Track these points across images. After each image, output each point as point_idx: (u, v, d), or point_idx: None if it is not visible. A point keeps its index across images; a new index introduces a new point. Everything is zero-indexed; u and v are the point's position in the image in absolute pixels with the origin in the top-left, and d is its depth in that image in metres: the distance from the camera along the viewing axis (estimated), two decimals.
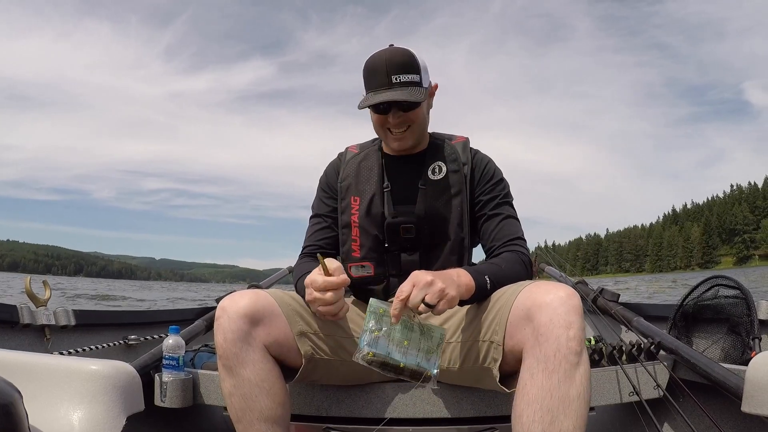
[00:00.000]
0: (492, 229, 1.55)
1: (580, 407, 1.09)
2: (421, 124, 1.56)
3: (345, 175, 1.65)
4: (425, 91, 1.51)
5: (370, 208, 1.58)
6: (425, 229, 1.54)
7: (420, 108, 1.52)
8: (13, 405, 1.00)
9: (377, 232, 1.57)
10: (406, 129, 1.53)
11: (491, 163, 1.64)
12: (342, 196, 1.63)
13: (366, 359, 1.19)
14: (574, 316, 1.13)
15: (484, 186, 1.60)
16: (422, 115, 1.54)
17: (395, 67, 1.46)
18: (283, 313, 1.35)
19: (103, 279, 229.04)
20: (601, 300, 2.47)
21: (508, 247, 1.51)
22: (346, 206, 1.61)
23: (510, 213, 1.58)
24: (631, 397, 1.51)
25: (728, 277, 2.03)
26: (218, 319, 1.29)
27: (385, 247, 1.57)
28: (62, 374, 1.30)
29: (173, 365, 1.56)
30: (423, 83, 1.50)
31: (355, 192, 1.61)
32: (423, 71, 1.51)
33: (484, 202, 1.59)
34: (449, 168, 1.59)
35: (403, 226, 1.54)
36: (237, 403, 1.28)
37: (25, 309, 2.10)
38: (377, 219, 1.57)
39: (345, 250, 1.61)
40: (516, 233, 1.54)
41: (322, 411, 1.49)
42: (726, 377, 1.43)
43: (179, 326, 1.67)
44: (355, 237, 1.58)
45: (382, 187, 1.59)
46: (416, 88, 1.47)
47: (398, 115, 1.50)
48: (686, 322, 2.09)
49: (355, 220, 1.59)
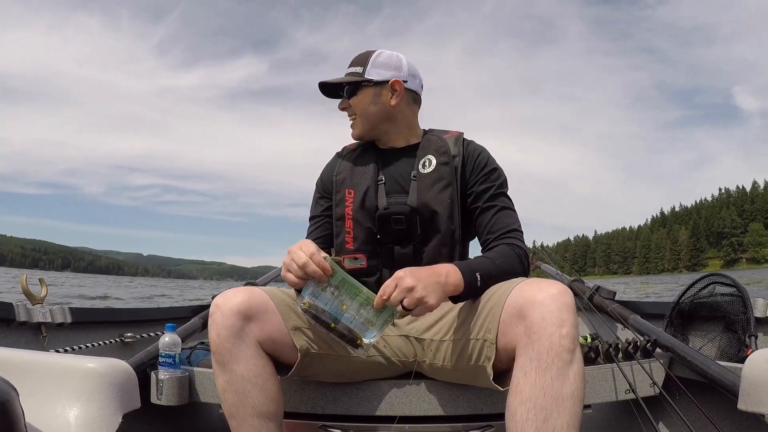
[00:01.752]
0: (487, 222, 1.55)
1: (574, 405, 1.09)
2: (364, 110, 1.65)
3: (340, 169, 1.70)
4: (363, 82, 1.63)
5: (364, 200, 1.60)
6: (416, 221, 1.55)
7: (360, 95, 1.64)
8: (9, 403, 1.00)
9: (371, 224, 1.59)
10: (354, 116, 1.67)
11: (484, 152, 1.64)
12: (337, 189, 1.66)
13: (302, 307, 1.27)
14: (567, 314, 1.12)
15: (477, 176, 1.59)
16: (364, 101, 1.64)
17: (350, 63, 1.67)
18: (278, 309, 1.35)
19: (90, 274, 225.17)
20: (597, 298, 2.48)
21: (503, 239, 1.50)
22: (341, 199, 1.64)
23: (505, 204, 1.57)
24: (627, 395, 1.51)
25: (724, 274, 2.04)
26: (212, 315, 1.30)
27: (378, 240, 1.59)
28: (59, 372, 1.30)
29: (169, 363, 1.56)
30: (365, 74, 1.63)
31: (350, 185, 1.64)
32: (372, 65, 1.63)
33: (478, 193, 1.58)
34: (438, 160, 1.60)
35: (394, 216, 1.55)
36: (230, 398, 1.29)
37: (21, 306, 2.10)
38: (371, 211, 1.59)
39: (339, 242, 1.63)
40: (512, 225, 1.53)
41: (317, 408, 1.49)
42: (722, 375, 1.44)
43: (175, 324, 1.67)
44: (349, 229, 1.61)
45: (376, 180, 1.63)
46: (352, 77, 1.64)
47: (342, 101, 1.68)
48: (682, 319, 2.10)
49: (349, 213, 1.62)
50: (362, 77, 1.63)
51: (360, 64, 1.64)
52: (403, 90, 1.64)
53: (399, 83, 1.63)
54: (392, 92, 1.64)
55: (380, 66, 1.63)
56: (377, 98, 1.64)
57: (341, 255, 1.59)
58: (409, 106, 1.69)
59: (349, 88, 1.65)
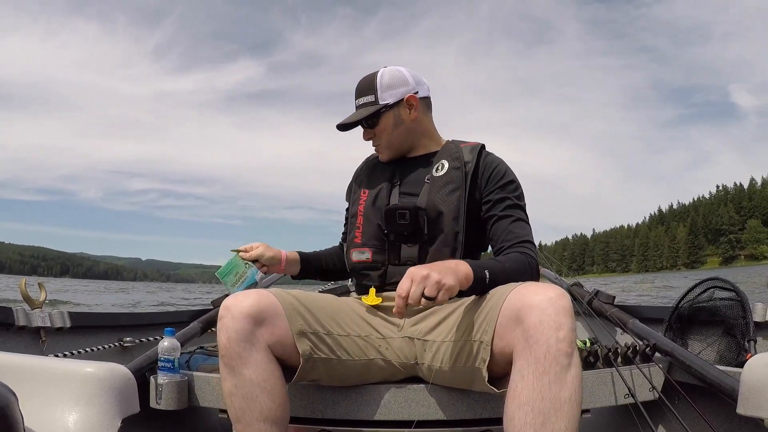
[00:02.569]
0: (501, 231, 1.57)
1: (572, 409, 1.09)
2: (389, 135, 1.69)
3: (359, 171, 1.84)
4: (381, 108, 1.66)
5: (377, 199, 1.69)
6: (422, 220, 1.57)
7: (381, 122, 1.68)
8: (8, 407, 1.00)
9: (379, 221, 1.65)
10: (379, 143, 1.72)
11: (502, 165, 1.67)
12: (354, 189, 1.79)
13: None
14: (564, 317, 1.12)
15: (493, 186, 1.62)
16: (387, 127, 1.69)
17: (358, 93, 1.71)
18: (285, 312, 1.35)
19: (89, 280, 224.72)
20: (596, 302, 2.48)
21: (515, 248, 1.52)
22: (356, 198, 1.75)
23: (520, 216, 1.60)
24: (626, 399, 1.51)
25: (724, 279, 2.04)
26: (221, 318, 1.29)
27: (385, 236, 1.64)
28: (58, 376, 1.30)
29: (169, 367, 1.56)
30: (379, 101, 1.66)
31: (366, 186, 1.75)
32: (382, 89, 1.66)
33: (494, 202, 1.60)
34: (451, 165, 1.64)
35: (399, 211, 1.58)
36: (237, 402, 1.28)
37: (20, 311, 2.10)
38: (381, 209, 1.65)
39: (350, 238, 1.72)
40: (525, 236, 1.55)
41: (317, 413, 1.49)
42: (721, 379, 1.44)
43: (175, 328, 1.67)
44: (359, 225, 1.69)
45: (391, 182, 1.71)
46: (368, 108, 1.67)
47: (366, 132, 1.73)
48: (681, 324, 2.10)
49: (361, 210, 1.70)
50: (378, 104, 1.66)
51: (369, 91, 1.68)
52: (418, 102, 1.69)
53: (414, 98, 1.68)
54: (409, 108, 1.69)
55: (389, 87, 1.67)
56: (398, 119, 1.69)
57: (350, 248, 1.71)
58: (426, 114, 1.75)
59: (370, 119, 1.68)
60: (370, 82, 1.69)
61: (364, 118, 1.67)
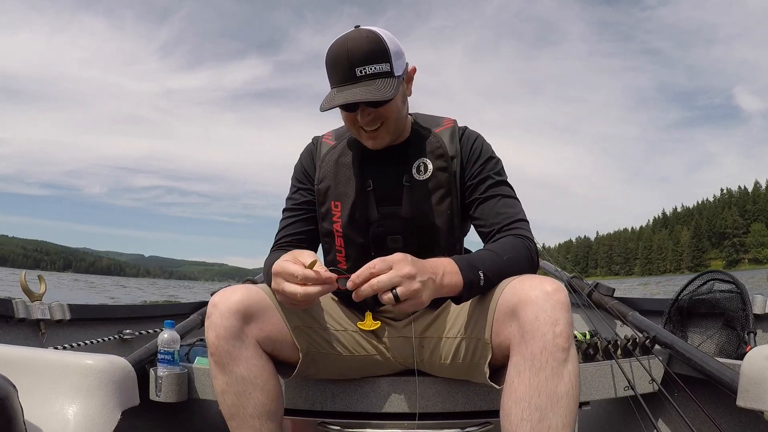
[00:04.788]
0: (488, 213, 1.39)
1: (569, 404, 1.08)
2: (396, 119, 1.36)
3: (322, 175, 1.47)
4: (397, 81, 1.30)
5: (354, 213, 1.43)
6: (413, 236, 1.42)
7: (393, 101, 1.31)
8: (8, 399, 1.00)
9: (362, 239, 1.44)
10: (379, 126, 1.34)
11: (479, 140, 1.46)
12: (321, 201, 1.47)
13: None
14: (561, 312, 1.09)
15: (473, 167, 1.43)
16: (396, 108, 1.34)
17: (359, 58, 1.25)
18: (278, 308, 1.32)
19: (91, 275, 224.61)
20: (596, 294, 2.48)
21: (509, 230, 1.35)
22: (327, 212, 1.46)
23: (507, 192, 1.41)
24: (626, 392, 1.51)
25: (723, 271, 2.04)
26: (209, 316, 1.25)
27: (372, 255, 1.28)
28: (57, 369, 1.30)
29: (168, 360, 1.56)
30: (395, 71, 1.29)
31: (335, 196, 1.45)
32: (394, 56, 1.29)
33: (475, 185, 1.42)
34: (435, 165, 1.41)
35: (390, 237, 1.42)
36: (230, 400, 1.26)
37: (20, 303, 2.10)
38: (362, 225, 1.43)
39: (329, 260, 1.50)
40: (516, 215, 1.38)
41: (316, 405, 1.49)
42: (721, 371, 1.44)
43: (174, 321, 1.67)
44: (340, 248, 1.46)
45: (364, 188, 1.43)
46: (385, 80, 1.27)
47: (368, 113, 1.31)
48: (681, 316, 2.10)
49: (338, 229, 1.45)
50: (394, 76, 1.29)
51: (381, 58, 1.27)
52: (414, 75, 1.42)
53: (414, 69, 1.41)
54: (407, 83, 1.41)
55: (399, 55, 1.32)
56: (404, 97, 1.40)
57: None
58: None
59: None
60: (376, 43, 1.26)
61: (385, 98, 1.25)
